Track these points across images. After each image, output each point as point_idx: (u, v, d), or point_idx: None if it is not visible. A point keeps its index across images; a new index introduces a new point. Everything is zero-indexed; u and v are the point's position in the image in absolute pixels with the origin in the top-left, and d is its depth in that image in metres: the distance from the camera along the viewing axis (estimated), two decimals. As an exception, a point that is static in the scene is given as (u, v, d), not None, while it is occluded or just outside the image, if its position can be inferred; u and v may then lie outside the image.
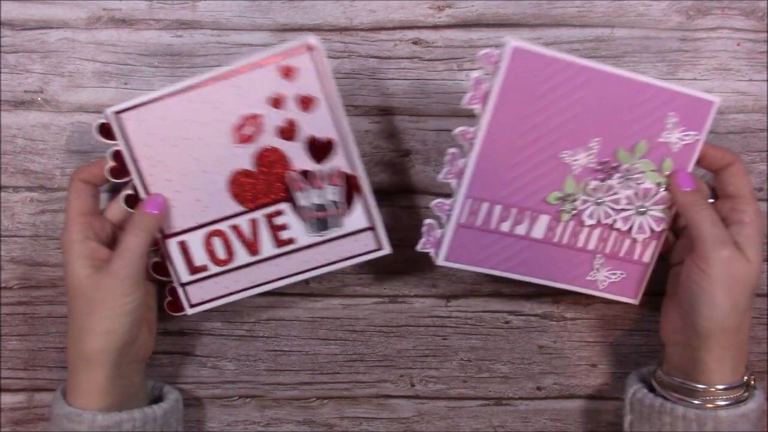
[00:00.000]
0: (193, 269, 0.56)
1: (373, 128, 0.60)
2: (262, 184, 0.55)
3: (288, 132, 0.54)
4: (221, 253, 0.55)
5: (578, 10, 0.60)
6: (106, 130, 0.53)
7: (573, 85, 0.51)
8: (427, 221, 0.53)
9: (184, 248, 0.55)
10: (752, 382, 0.53)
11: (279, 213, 0.55)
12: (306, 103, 0.53)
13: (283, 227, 0.55)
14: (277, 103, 0.53)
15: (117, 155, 0.54)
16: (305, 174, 0.54)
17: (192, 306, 0.57)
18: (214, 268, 0.56)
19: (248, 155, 0.54)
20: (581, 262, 0.55)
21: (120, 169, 0.54)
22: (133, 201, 0.54)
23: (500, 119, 0.51)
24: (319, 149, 0.54)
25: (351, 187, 0.55)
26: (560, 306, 0.62)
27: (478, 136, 0.51)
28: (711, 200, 0.55)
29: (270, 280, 0.56)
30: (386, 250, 0.56)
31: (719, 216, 0.52)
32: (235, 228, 0.55)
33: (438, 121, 0.60)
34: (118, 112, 0.53)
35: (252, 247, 0.55)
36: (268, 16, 0.59)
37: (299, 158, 0.54)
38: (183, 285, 0.56)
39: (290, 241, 0.55)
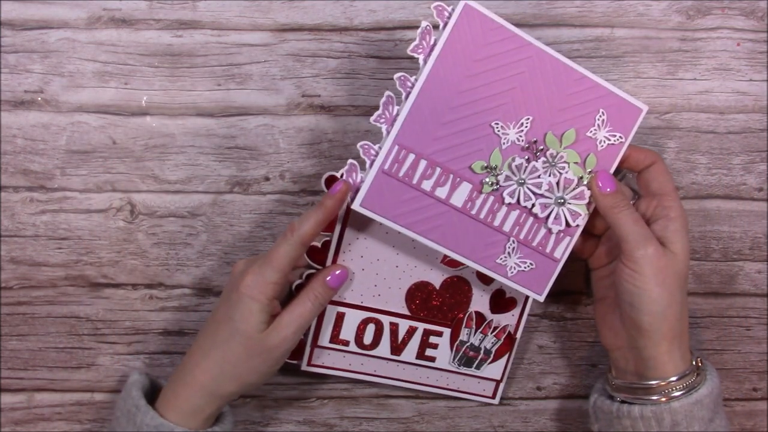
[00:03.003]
0: (336, 339, 0.58)
1: (374, 128, 0.60)
2: (438, 306, 0.58)
3: (487, 278, 0.57)
4: (367, 339, 0.58)
5: (578, 10, 0.60)
6: (331, 182, 0.53)
7: (515, 58, 0.51)
8: (350, 161, 0.52)
9: (339, 318, 0.57)
10: (700, 364, 0.54)
11: (437, 333, 0.59)
12: None
13: (432, 346, 0.59)
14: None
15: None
16: (479, 316, 0.58)
17: (309, 365, 0.58)
18: (353, 347, 0.58)
19: (442, 276, 0.57)
20: (494, 242, 0.54)
21: (327, 226, 0.54)
22: (318, 256, 0.55)
23: (441, 73, 0.50)
24: (501, 304, 0.59)
25: (506, 344, 0.59)
26: (560, 306, 0.62)
27: (416, 85, 0.50)
28: (632, 201, 0.55)
29: (389, 377, 0.59)
30: (496, 401, 0.62)
31: (644, 213, 0.54)
32: (392, 325, 0.58)
33: (438, 121, 0.60)
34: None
35: (397, 348, 0.58)
36: (268, 16, 0.59)
37: (480, 301, 0.58)
38: (315, 345, 0.58)
39: (431, 359, 0.59)
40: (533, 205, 0.53)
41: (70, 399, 0.62)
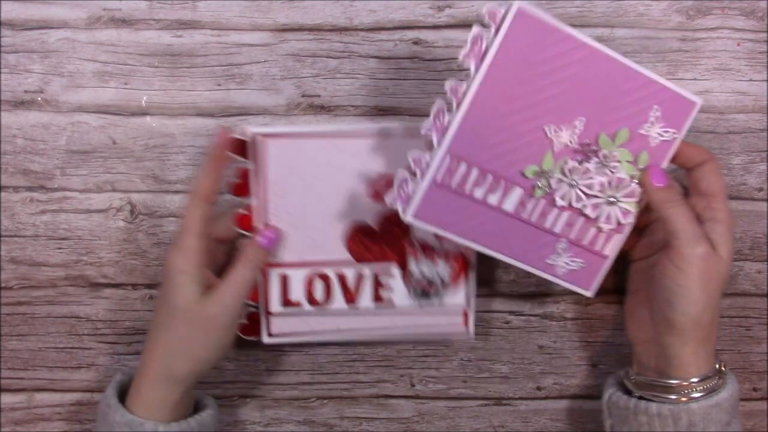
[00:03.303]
0: (287, 302, 0.57)
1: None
2: (380, 243, 0.57)
3: None
4: (319, 295, 0.57)
5: (578, 10, 0.60)
6: (239, 146, 0.53)
7: (569, 59, 0.50)
8: (401, 174, 0.50)
9: (284, 281, 0.56)
10: (723, 368, 0.53)
11: (386, 273, 0.57)
12: None
13: (385, 287, 0.57)
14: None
15: (243, 174, 0.54)
16: (424, 245, 0.56)
17: (270, 335, 0.57)
18: (307, 307, 0.57)
19: (374, 212, 0.56)
20: (544, 244, 0.54)
21: (243, 187, 0.54)
22: (245, 222, 0.55)
23: (493, 80, 0.49)
24: None
25: (461, 270, 0.57)
26: (560, 306, 0.62)
27: (468, 94, 0.49)
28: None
29: (352, 330, 0.58)
30: (470, 334, 0.59)
31: (693, 213, 0.53)
32: (340, 276, 0.57)
33: (438, 121, 0.60)
34: (265, 135, 0.53)
35: (350, 296, 0.57)
36: (268, 16, 0.59)
37: (420, 230, 0.55)
38: (268, 314, 0.57)
39: (388, 301, 0.57)
40: (584, 206, 0.53)
41: (70, 399, 0.62)
